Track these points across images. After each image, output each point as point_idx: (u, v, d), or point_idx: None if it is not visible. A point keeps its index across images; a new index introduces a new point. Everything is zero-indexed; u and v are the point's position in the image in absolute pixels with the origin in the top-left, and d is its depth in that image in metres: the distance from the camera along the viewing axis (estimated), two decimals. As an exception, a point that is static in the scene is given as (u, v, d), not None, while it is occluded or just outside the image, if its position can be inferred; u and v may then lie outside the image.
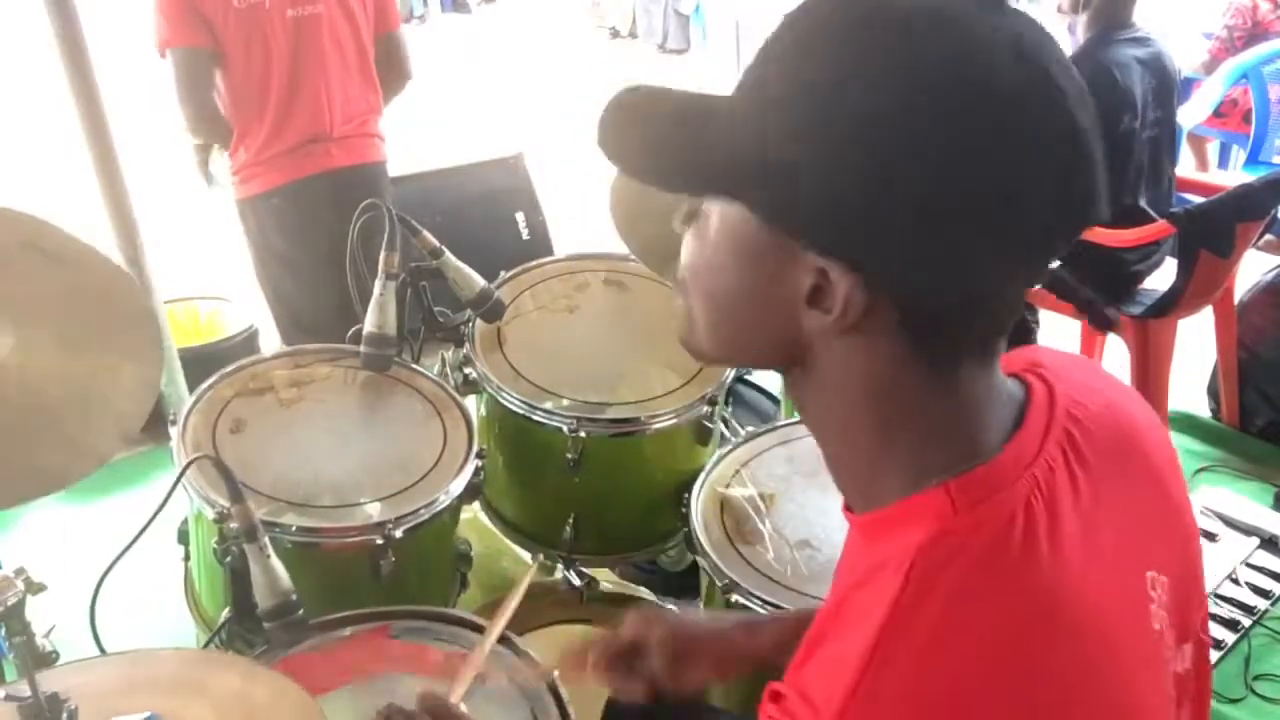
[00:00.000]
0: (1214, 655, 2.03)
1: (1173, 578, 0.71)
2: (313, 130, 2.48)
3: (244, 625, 1.44)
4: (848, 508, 0.72)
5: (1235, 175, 4.26)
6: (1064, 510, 0.64)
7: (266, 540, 1.29)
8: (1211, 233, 2.54)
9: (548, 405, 1.77)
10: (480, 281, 1.82)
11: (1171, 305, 2.64)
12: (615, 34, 9.42)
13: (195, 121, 2.42)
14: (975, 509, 0.62)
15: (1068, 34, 2.79)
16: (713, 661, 1.01)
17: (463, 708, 1.23)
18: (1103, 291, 2.79)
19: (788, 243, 0.62)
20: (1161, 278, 2.83)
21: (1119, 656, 0.64)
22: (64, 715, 1.03)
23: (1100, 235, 2.66)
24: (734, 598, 1.51)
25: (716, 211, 0.66)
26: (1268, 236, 2.93)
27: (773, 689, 0.62)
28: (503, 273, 2.01)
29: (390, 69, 2.65)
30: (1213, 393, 3.07)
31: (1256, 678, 2.01)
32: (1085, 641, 0.61)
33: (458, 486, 1.60)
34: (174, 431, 1.57)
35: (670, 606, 1.81)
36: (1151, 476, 0.73)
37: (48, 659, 1.34)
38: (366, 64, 2.57)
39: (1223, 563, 2.25)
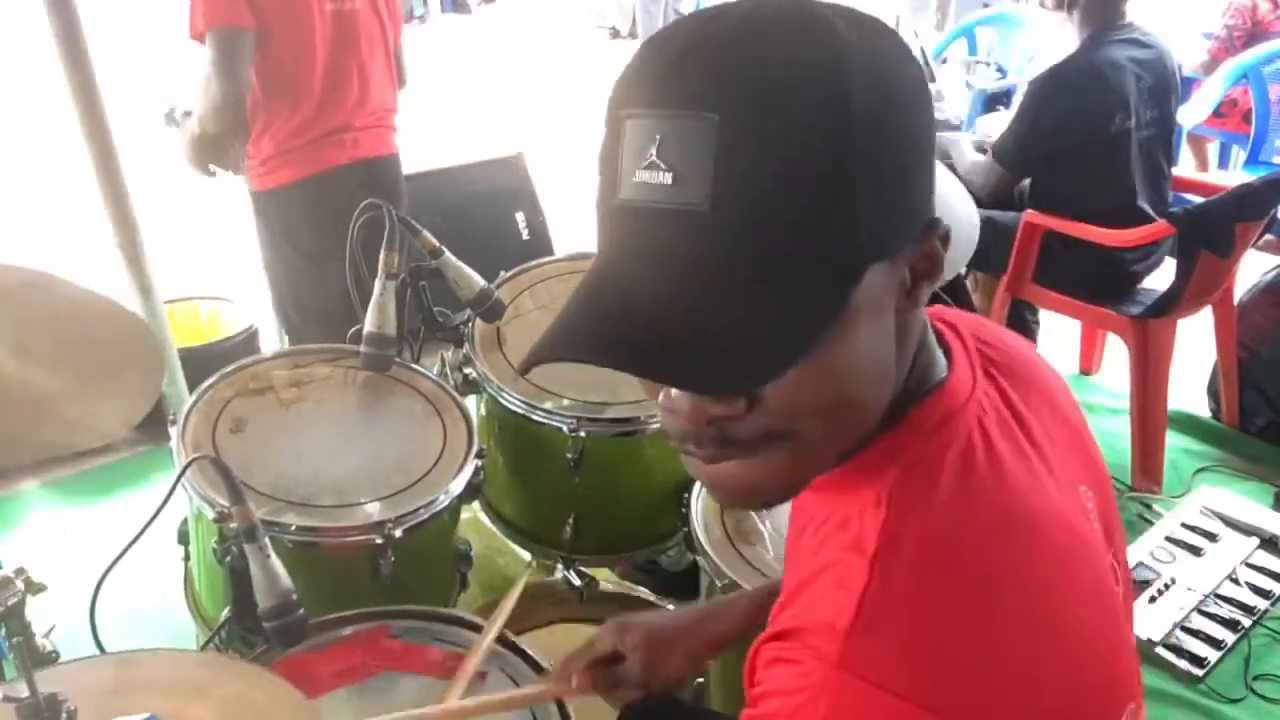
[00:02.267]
0: (1214, 655, 2.03)
1: (1097, 493, 0.75)
2: (341, 121, 2.48)
3: (244, 625, 1.45)
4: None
5: (1235, 175, 4.26)
6: (1010, 430, 0.69)
7: (266, 540, 1.29)
8: (1211, 233, 2.54)
9: (548, 405, 1.77)
10: (480, 281, 1.82)
11: (1171, 305, 2.64)
12: (615, 34, 9.42)
13: (231, 101, 2.34)
14: (935, 435, 0.66)
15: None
16: (686, 653, 1.08)
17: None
18: (1102, 291, 2.80)
19: (896, 260, 0.60)
20: (1161, 278, 2.83)
21: (1090, 548, 0.68)
22: (63, 715, 1.03)
23: (1100, 235, 2.66)
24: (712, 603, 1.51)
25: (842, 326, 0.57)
26: (1268, 236, 2.93)
27: (774, 630, 0.64)
28: (503, 273, 2.01)
29: None
30: (1213, 393, 3.07)
31: (1256, 678, 2.01)
32: (1061, 533, 0.65)
33: (458, 486, 1.60)
34: (174, 431, 1.57)
35: (670, 606, 1.81)
36: (1054, 404, 0.76)
37: (48, 659, 1.34)
38: (389, 62, 2.59)
39: (1223, 563, 2.25)
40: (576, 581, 1.87)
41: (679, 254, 0.55)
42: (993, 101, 4.25)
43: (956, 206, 1.61)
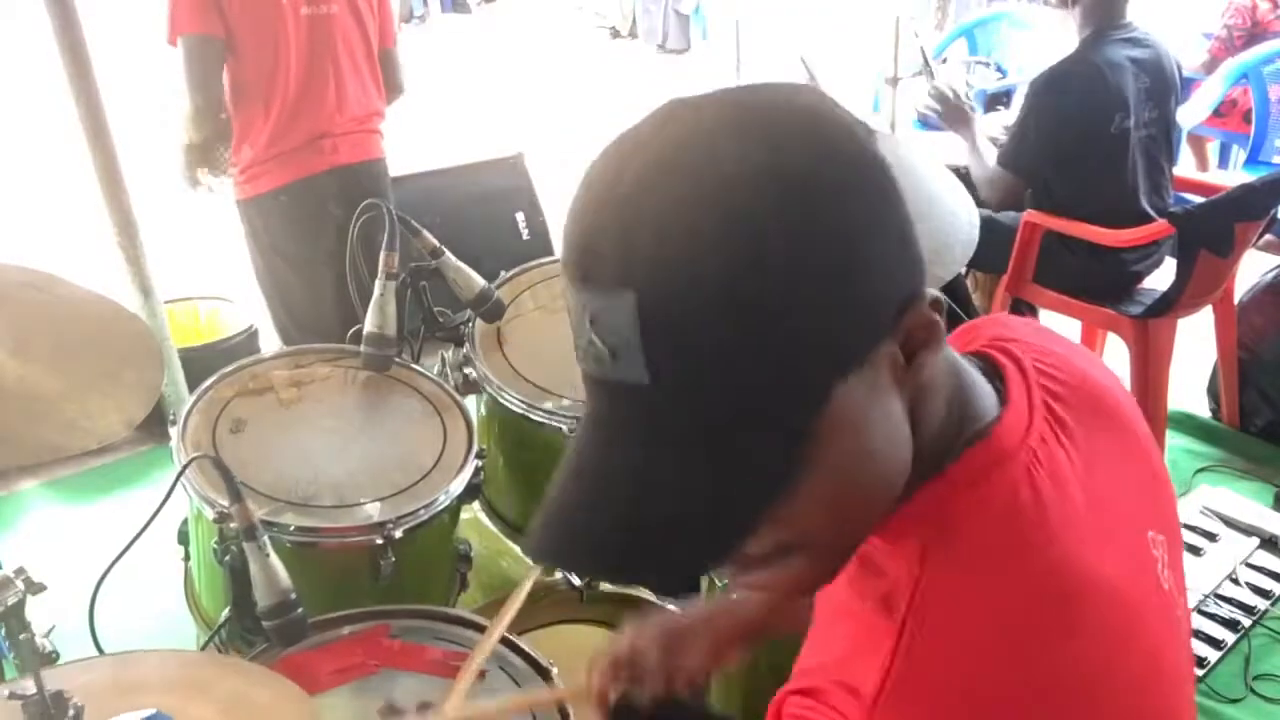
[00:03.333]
0: (1214, 655, 2.03)
1: (1169, 537, 0.71)
2: (320, 128, 2.48)
3: (244, 625, 1.45)
4: None
5: (1235, 175, 4.26)
6: (1065, 478, 0.64)
7: (266, 540, 1.29)
8: (1211, 232, 2.54)
9: (548, 405, 1.77)
10: (480, 281, 1.82)
11: (1171, 305, 2.64)
12: (615, 34, 9.42)
13: (202, 112, 2.39)
14: (977, 488, 0.62)
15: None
16: (707, 646, 1.04)
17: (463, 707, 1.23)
18: (1102, 291, 2.80)
19: (873, 357, 0.56)
20: (1161, 277, 2.83)
21: (1144, 618, 0.64)
22: (69, 712, 1.03)
23: (1100, 235, 2.66)
24: (734, 598, 1.51)
25: (822, 444, 0.55)
26: (1268, 236, 2.93)
27: (800, 685, 0.62)
28: (503, 273, 2.01)
29: (386, 82, 2.66)
30: (1213, 393, 3.07)
31: (1256, 678, 2.01)
32: (1108, 605, 0.62)
33: (458, 486, 1.60)
34: (174, 431, 1.57)
35: (670, 607, 1.81)
36: (1130, 437, 0.72)
37: (48, 659, 1.34)
38: (374, 65, 2.58)
39: (1223, 563, 2.25)
40: (576, 581, 1.87)
41: (634, 428, 0.55)
42: (993, 101, 4.25)
43: (956, 206, 1.61)
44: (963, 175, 2.30)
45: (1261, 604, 2.14)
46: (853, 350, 0.55)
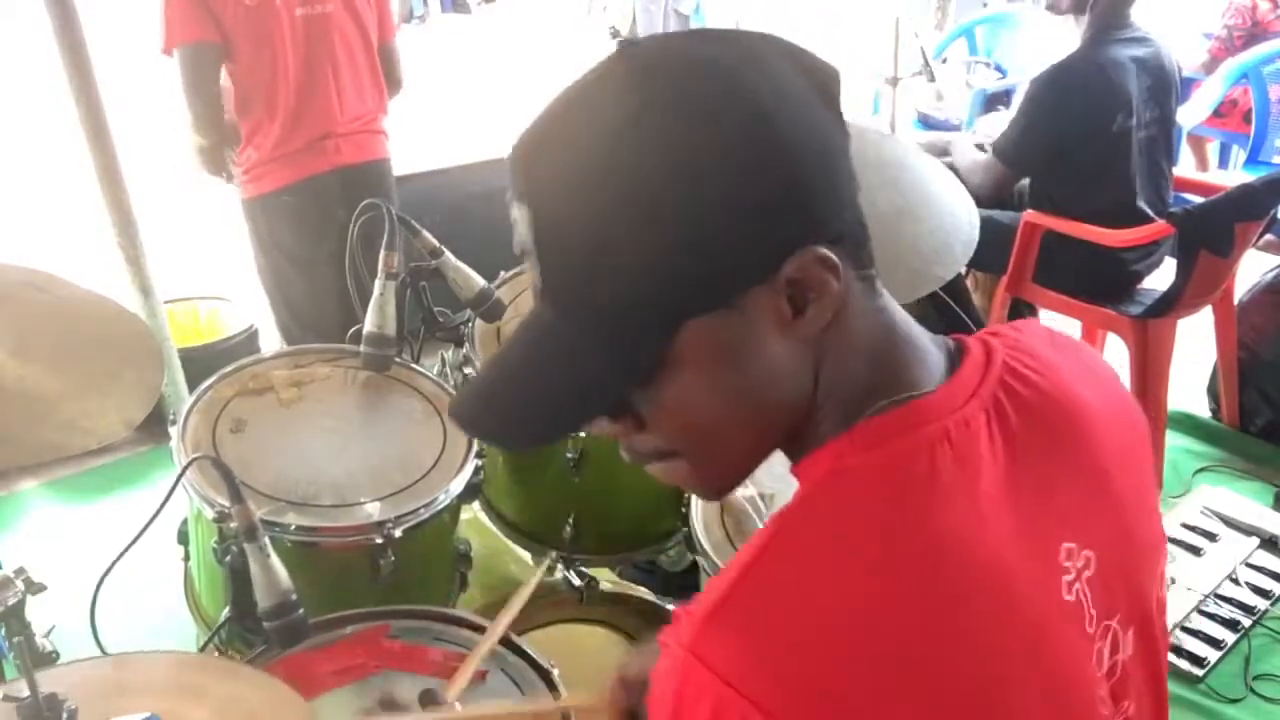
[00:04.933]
0: (1214, 655, 2.03)
1: (1102, 556, 0.70)
2: (323, 128, 2.49)
3: (244, 625, 1.45)
4: (791, 465, 0.72)
5: (1235, 175, 4.26)
6: (974, 464, 0.65)
7: (266, 540, 1.29)
8: (1211, 233, 2.54)
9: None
10: (480, 281, 1.82)
11: (1171, 305, 2.64)
12: (615, 34, 9.42)
13: (203, 119, 2.41)
14: (872, 449, 0.64)
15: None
16: None
17: (458, 707, 1.23)
18: (1102, 291, 2.80)
19: (747, 295, 0.62)
20: (1161, 278, 2.83)
21: (1011, 610, 0.63)
22: (63, 715, 1.03)
23: (1100, 235, 2.66)
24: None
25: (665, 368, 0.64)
26: (1268, 236, 2.93)
27: (674, 611, 0.64)
28: (503, 273, 2.00)
29: (385, 78, 2.66)
30: (1213, 393, 3.07)
31: (1256, 678, 2.01)
32: (967, 582, 0.61)
33: (457, 486, 1.60)
34: (174, 431, 1.57)
35: (670, 607, 1.81)
36: (1088, 462, 0.72)
37: (48, 659, 1.34)
38: (373, 63, 2.59)
39: (1223, 563, 2.25)
40: (576, 582, 1.87)
41: (535, 324, 0.67)
42: (993, 101, 4.25)
43: (955, 206, 1.61)
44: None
45: (1261, 604, 2.14)
46: (709, 286, 0.61)
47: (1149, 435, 0.79)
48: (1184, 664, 2.02)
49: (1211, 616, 2.12)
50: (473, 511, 1.97)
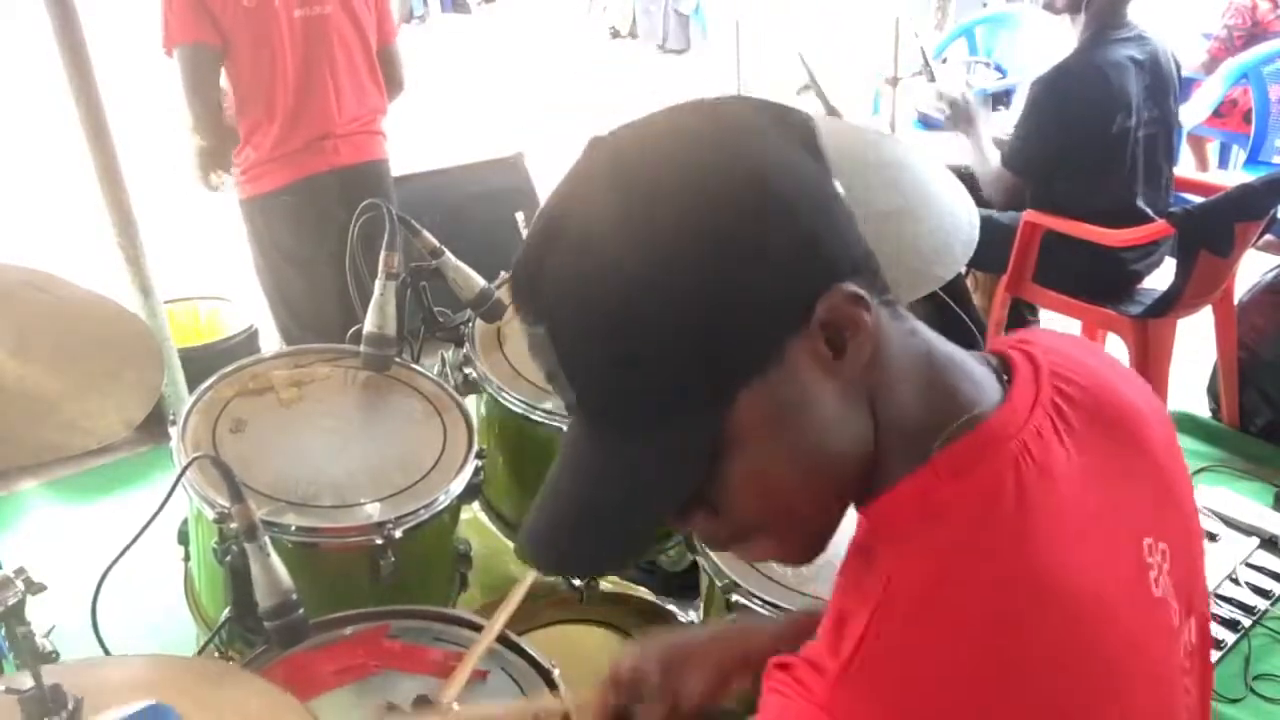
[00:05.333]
0: (1214, 655, 2.03)
1: (1173, 547, 0.71)
2: (321, 128, 2.49)
3: (244, 625, 1.45)
4: (858, 506, 0.72)
5: (1235, 175, 4.26)
6: (1056, 473, 0.65)
7: (267, 539, 1.29)
8: (1211, 233, 2.54)
9: (548, 405, 1.77)
10: (480, 281, 1.82)
11: (1171, 305, 2.64)
12: (615, 34, 9.42)
13: (202, 119, 2.41)
14: (960, 478, 0.64)
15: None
16: (711, 667, 1.00)
17: (456, 707, 1.23)
18: (1102, 291, 2.80)
19: (786, 349, 0.62)
20: (1161, 278, 2.83)
21: (1117, 619, 0.64)
22: (69, 705, 1.03)
23: (1100, 235, 2.66)
24: (734, 598, 1.51)
25: (735, 448, 0.63)
26: (1268, 236, 2.93)
27: (779, 660, 0.63)
28: (503, 273, 2.00)
29: (386, 79, 2.66)
30: (1213, 393, 3.07)
31: (1256, 678, 2.01)
32: (1078, 603, 0.62)
33: (458, 486, 1.60)
34: (174, 431, 1.57)
35: (670, 607, 1.81)
36: (1143, 451, 0.73)
37: (48, 659, 1.34)
38: (372, 64, 2.59)
39: (1223, 563, 2.25)
40: (576, 582, 1.87)
41: (573, 445, 0.66)
42: (993, 102, 4.25)
43: (956, 206, 1.61)
44: (964, 175, 2.30)
45: (1261, 604, 2.14)
46: (749, 355, 0.61)
47: (1176, 437, 0.80)
48: (1184, 664, 2.02)
49: (1211, 616, 2.12)
50: (473, 511, 1.97)
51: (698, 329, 0.59)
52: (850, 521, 0.70)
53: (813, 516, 0.68)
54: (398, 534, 1.49)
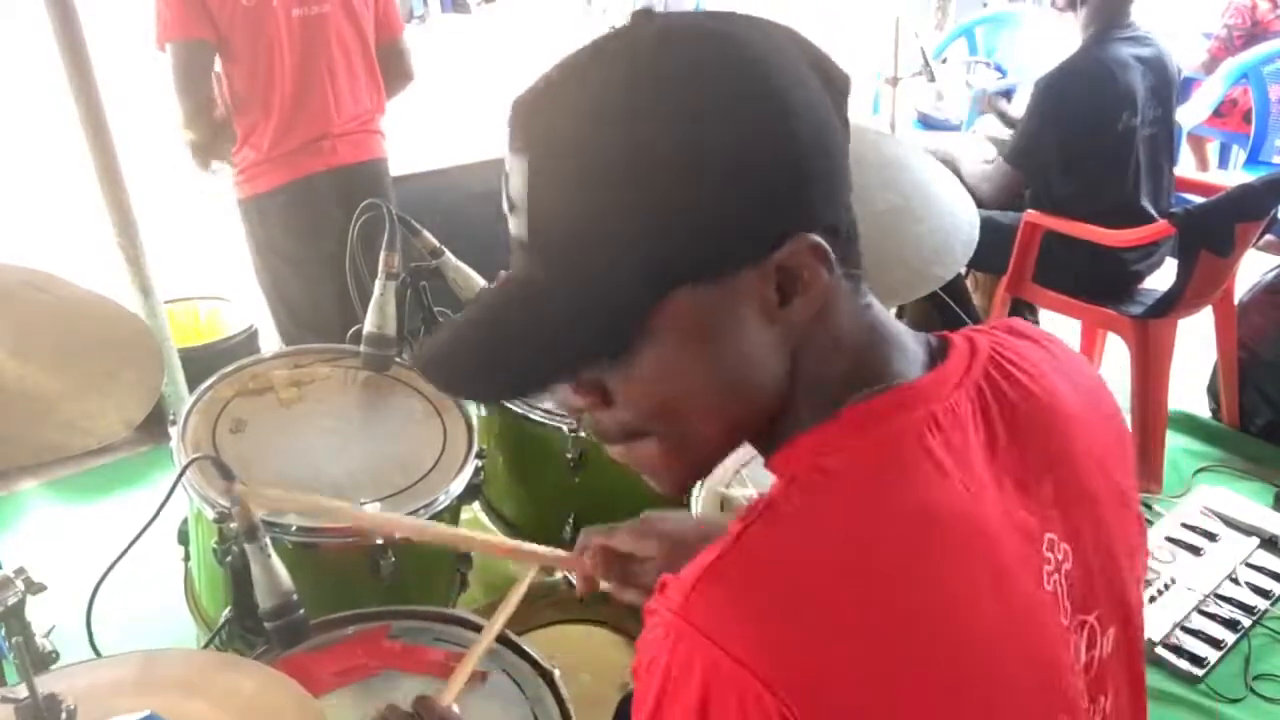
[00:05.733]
0: (1214, 655, 2.03)
1: (1077, 551, 0.70)
2: (319, 128, 2.49)
3: (244, 625, 1.45)
4: (765, 460, 0.72)
5: (1235, 175, 4.26)
6: (959, 450, 0.65)
7: (267, 540, 1.29)
8: (1211, 233, 2.54)
9: (548, 405, 1.77)
10: (480, 281, 1.82)
11: (1171, 305, 2.64)
12: (615, 34, 9.43)
13: (193, 116, 2.40)
14: (862, 433, 0.64)
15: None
16: None
17: (455, 708, 1.23)
18: (1102, 291, 2.80)
19: (737, 274, 0.62)
20: (1161, 278, 2.83)
21: (1000, 571, 0.64)
22: (62, 715, 1.03)
23: (1100, 235, 2.66)
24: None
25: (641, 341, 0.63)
26: (1268, 236, 2.93)
27: (660, 580, 0.63)
28: (503, 273, 2.00)
29: (394, 72, 2.66)
30: (1213, 393, 3.07)
31: (1256, 678, 2.01)
32: (951, 545, 0.62)
33: (458, 486, 1.60)
34: (174, 431, 1.57)
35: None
36: (1067, 459, 0.72)
37: (48, 659, 1.34)
38: (371, 64, 2.58)
39: (1223, 563, 2.25)
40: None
41: (512, 280, 0.66)
42: (999, 98, 4.24)
43: (955, 206, 1.61)
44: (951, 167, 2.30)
45: (1261, 604, 2.14)
46: (701, 259, 0.61)
47: (1131, 443, 0.79)
48: (1184, 664, 2.02)
49: (1211, 616, 2.12)
50: (473, 511, 1.97)
51: (666, 214, 0.59)
52: None
53: (703, 436, 0.67)
54: (398, 534, 1.49)
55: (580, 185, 0.60)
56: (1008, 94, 4.29)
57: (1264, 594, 2.17)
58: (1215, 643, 2.06)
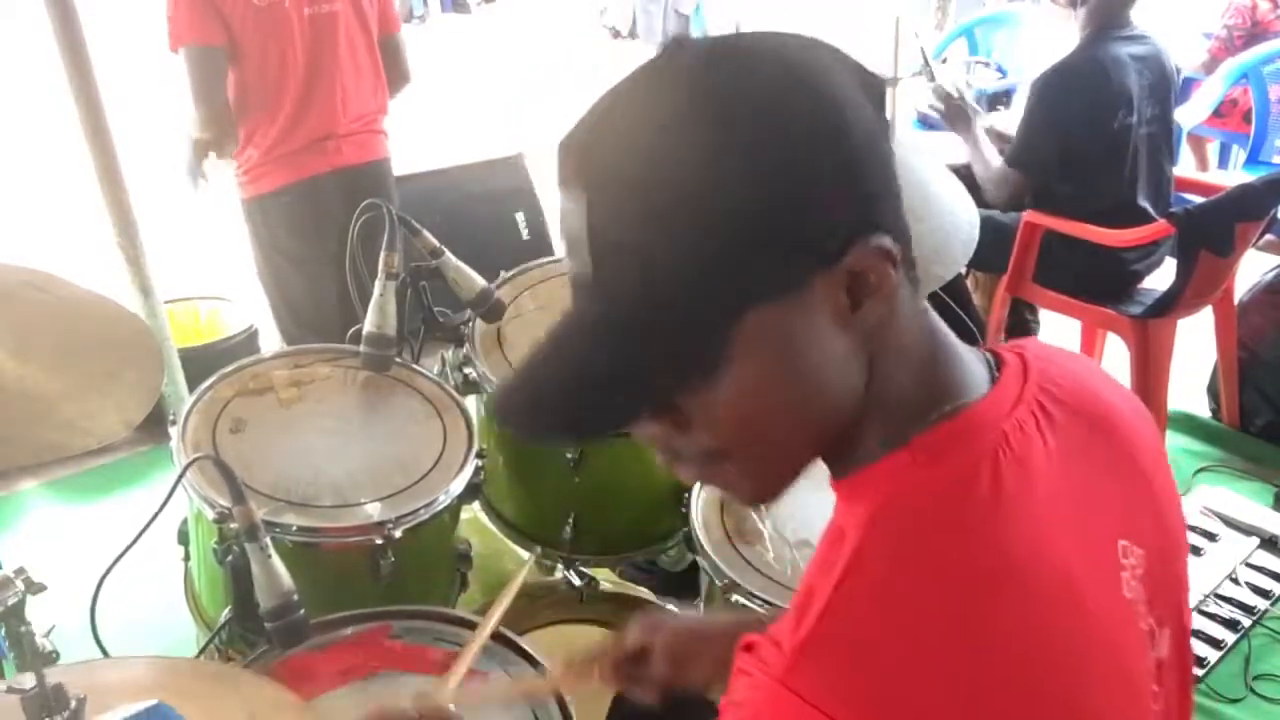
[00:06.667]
0: (1214, 655, 2.03)
1: (1149, 553, 0.71)
2: (325, 128, 2.48)
3: (244, 625, 1.44)
4: (834, 478, 0.72)
5: (1235, 175, 4.26)
6: (1033, 468, 0.65)
7: (268, 540, 1.29)
8: (1211, 232, 2.54)
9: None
10: (480, 281, 1.82)
11: (1171, 305, 2.64)
12: (615, 34, 9.42)
13: (209, 120, 2.39)
14: (937, 462, 0.64)
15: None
16: (717, 659, 1.01)
17: (452, 708, 1.23)
18: (1102, 291, 2.80)
19: (809, 282, 0.61)
20: (1161, 277, 2.83)
21: (1085, 607, 0.64)
22: (70, 704, 1.03)
23: (1100, 235, 2.66)
24: (734, 598, 1.51)
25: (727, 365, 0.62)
26: (1268, 236, 2.93)
27: (746, 640, 0.63)
28: (503, 273, 2.01)
29: (391, 71, 2.66)
30: (1213, 393, 3.07)
31: (1256, 678, 2.01)
32: (1044, 592, 0.62)
33: (458, 486, 1.60)
34: (174, 431, 1.57)
35: (670, 607, 1.81)
36: (1125, 456, 0.73)
37: (48, 659, 1.34)
38: (375, 63, 2.58)
39: (1223, 563, 2.25)
40: (576, 581, 1.87)
41: (578, 319, 0.65)
42: (993, 101, 4.25)
43: (956, 206, 1.61)
44: (963, 175, 2.30)
45: (1261, 604, 2.14)
46: (775, 275, 0.60)
47: (1164, 448, 0.80)
48: (1184, 664, 2.02)
49: (1211, 616, 2.12)
50: (473, 511, 1.97)
51: (734, 236, 0.59)
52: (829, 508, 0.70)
53: (783, 454, 0.67)
54: (398, 534, 1.49)
55: (646, 217, 0.59)
56: (1007, 95, 4.29)
57: (1264, 594, 2.17)
58: (1215, 643, 2.06)
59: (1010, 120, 3.12)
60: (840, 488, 0.69)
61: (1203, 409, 3.07)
